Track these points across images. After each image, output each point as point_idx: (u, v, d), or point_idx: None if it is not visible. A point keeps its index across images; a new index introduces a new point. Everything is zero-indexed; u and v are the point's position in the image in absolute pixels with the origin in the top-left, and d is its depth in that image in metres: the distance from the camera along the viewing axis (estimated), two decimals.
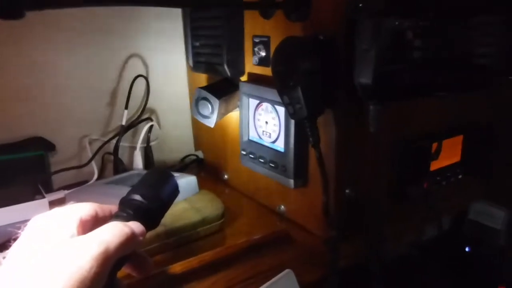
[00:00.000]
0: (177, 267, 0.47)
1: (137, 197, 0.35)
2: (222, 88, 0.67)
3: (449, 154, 0.67)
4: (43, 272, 0.26)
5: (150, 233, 0.52)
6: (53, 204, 0.63)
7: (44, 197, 0.62)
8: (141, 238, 0.33)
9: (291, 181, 0.58)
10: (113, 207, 0.36)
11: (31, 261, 0.27)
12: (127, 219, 0.34)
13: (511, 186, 0.78)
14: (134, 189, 0.37)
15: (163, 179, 0.38)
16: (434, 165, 0.64)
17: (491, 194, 0.79)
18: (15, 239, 0.30)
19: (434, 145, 0.60)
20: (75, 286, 0.26)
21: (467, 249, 0.86)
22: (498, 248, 0.83)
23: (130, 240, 0.31)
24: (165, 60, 0.83)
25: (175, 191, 0.40)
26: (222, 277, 0.47)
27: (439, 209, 0.70)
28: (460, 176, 0.69)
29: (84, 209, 0.33)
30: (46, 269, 0.27)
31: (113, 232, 0.30)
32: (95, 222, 0.34)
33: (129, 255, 0.34)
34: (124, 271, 0.35)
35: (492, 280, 0.80)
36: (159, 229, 0.53)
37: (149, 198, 0.36)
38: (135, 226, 0.33)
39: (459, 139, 0.68)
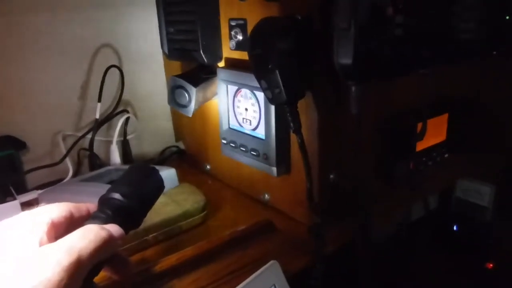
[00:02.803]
0: (156, 265, 0.45)
1: (117, 195, 0.33)
2: (199, 75, 0.64)
3: (435, 133, 0.66)
4: (5, 285, 0.24)
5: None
6: (26, 205, 0.60)
7: (15, 198, 0.59)
8: (119, 241, 0.31)
9: (274, 169, 0.56)
10: (91, 206, 0.34)
11: None
12: (105, 220, 0.32)
13: (497, 162, 0.77)
14: (114, 187, 0.34)
15: (145, 175, 0.36)
16: (420, 145, 0.63)
17: (477, 171, 0.79)
18: None
19: (419, 125, 0.59)
20: None
21: (454, 227, 0.86)
22: (485, 226, 0.83)
23: (107, 244, 0.29)
24: (140, 49, 0.79)
25: (159, 187, 0.37)
26: (205, 272, 0.46)
27: (426, 189, 0.70)
28: (446, 155, 0.68)
29: (56, 211, 0.31)
30: (9, 283, 0.24)
31: (88, 237, 0.28)
32: (70, 224, 0.31)
33: (107, 260, 0.31)
34: (102, 273, 0.33)
35: (480, 258, 0.81)
36: None
37: (129, 197, 0.33)
38: (113, 229, 0.31)
39: (444, 117, 0.67)
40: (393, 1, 0.45)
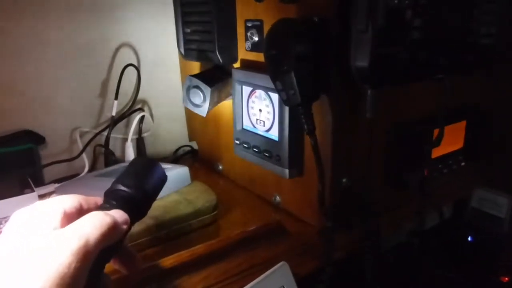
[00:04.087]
0: (167, 261, 0.45)
1: (120, 186, 0.34)
2: (214, 75, 0.65)
3: (452, 140, 0.65)
4: (20, 268, 0.26)
5: (140, 227, 0.51)
6: (43, 197, 0.62)
7: (33, 191, 0.60)
8: (124, 226, 0.32)
9: (286, 171, 0.56)
10: (98, 199, 0.35)
11: (9, 257, 0.26)
12: (110, 209, 0.33)
13: None
14: (118, 180, 0.35)
15: (147, 167, 0.37)
16: (436, 152, 0.62)
17: (493, 181, 0.77)
18: None
19: (436, 131, 0.58)
20: (54, 282, 0.25)
21: (469, 238, 0.84)
22: (501, 237, 0.81)
23: (112, 229, 0.30)
24: (157, 48, 0.81)
25: (162, 179, 0.38)
26: (215, 270, 0.46)
27: (440, 197, 0.68)
28: (462, 163, 0.67)
29: (67, 201, 0.32)
30: (24, 265, 0.26)
31: (93, 223, 0.29)
32: (79, 214, 0.32)
33: (117, 249, 0.32)
34: (111, 266, 0.33)
35: (495, 271, 0.78)
36: (149, 222, 0.52)
37: (132, 187, 0.34)
38: (118, 214, 0.32)
39: (462, 124, 0.65)
40: (412, 4, 0.44)
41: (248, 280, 0.43)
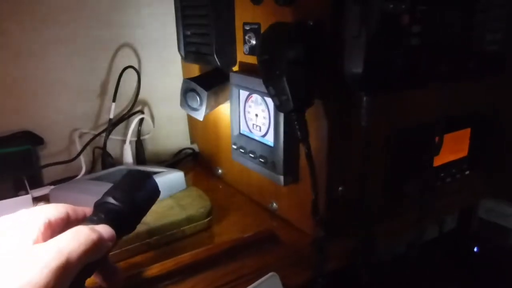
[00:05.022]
0: (152, 270, 0.45)
1: (110, 199, 0.34)
2: (212, 79, 0.64)
3: (455, 148, 0.62)
4: None
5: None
6: (38, 200, 0.62)
7: (27, 193, 0.60)
8: (110, 243, 0.31)
9: (281, 178, 0.55)
10: (87, 210, 0.34)
11: None
12: (98, 223, 0.32)
13: None
14: (108, 192, 0.35)
15: (139, 181, 0.36)
16: (438, 160, 0.60)
17: (501, 191, 0.74)
18: None
19: (437, 139, 0.56)
20: None
21: (475, 249, 0.81)
22: (508, 249, 0.78)
23: (97, 246, 0.29)
24: (158, 50, 0.80)
25: (154, 193, 0.38)
26: (202, 280, 0.45)
27: (443, 207, 0.66)
28: (467, 172, 0.65)
29: (53, 211, 0.31)
30: None
31: (77, 239, 0.28)
32: (66, 225, 0.31)
33: (100, 263, 0.31)
34: (92, 279, 0.32)
35: (502, 283, 0.76)
36: (141, 227, 0.51)
37: (122, 201, 0.34)
38: (104, 230, 0.31)
39: (466, 132, 0.63)
40: (409, 9, 0.43)
41: None
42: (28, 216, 0.30)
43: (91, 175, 0.66)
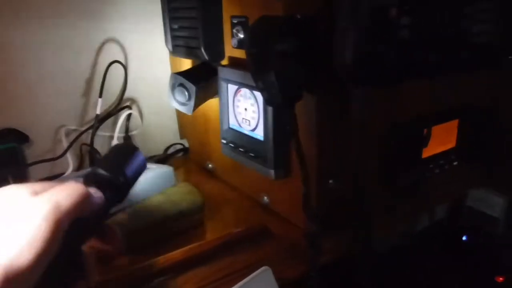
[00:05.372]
0: (145, 266, 0.44)
1: (99, 170, 0.35)
2: (200, 73, 0.63)
3: (444, 140, 0.63)
4: None
5: (122, 229, 0.49)
6: None
7: None
8: (98, 200, 0.33)
9: (272, 172, 0.55)
10: None
11: None
12: None
13: (509, 171, 0.73)
14: (97, 163, 0.37)
15: (127, 153, 0.38)
16: (427, 152, 0.60)
17: (489, 181, 0.76)
18: None
19: (425, 131, 0.56)
20: (24, 245, 0.26)
21: (464, 238, 0.82)
22: (496, 237, 0.79)
23: (84, 199, 0.31)
24: (145, 44, 0.79)
25: (141, 164, 0.39)
26: (193, 276, 0.45)
27: (433, 198, 0.67)
28: (455, 163, 0.65)
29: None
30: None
31: (66, 191, 0.30)
32: None
33: (94, 225, 0.33)
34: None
35: (490, 271, 0.77)
36: (131, 224, 0.51)
37: (111, 170, 0.35)
38: (92, 190, 0.33)
39: (454, 123, 0.64)
40: (398, 1, 0.42)
41: (228, 286, 0.42)
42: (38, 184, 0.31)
43: (77, 172, 0.65)
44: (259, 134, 0.56)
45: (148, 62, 0.80)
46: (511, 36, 0.57)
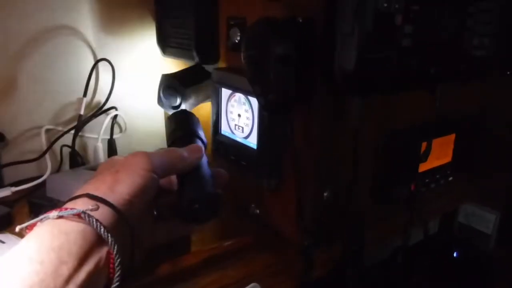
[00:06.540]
0: (128, 282, 0.41)
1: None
2: (192, 75, 0.60)
3: (440, 154, 0.62)
4: (102, 177, 0.33)
5: None
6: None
7: None
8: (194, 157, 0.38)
9: (264, 181, 0.52)
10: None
11: (103, 170, 0.34)
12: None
13: (504, 188, 0.73)
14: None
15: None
16: (423, 166, 0.59)
17: (482, 196, 0.75)
18: None
19: (423, 145, 0.54)
20: (133, 188, 0.32)
21: (455, 254, 0.81)
22: (487, 254, 0.79)
23: (181, 159, 0.36)
24: (135, 43, 0.76)
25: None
26: None
27: (426, 213, 0.65)
28: (450, 178, 0.64)
29: None
30: (103, 176, 0.33)
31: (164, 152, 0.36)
32: None
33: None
34: None
35: (481, 287, 0.76)
36: None
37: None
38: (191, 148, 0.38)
39: (451, 138, 0.62)
40: (402, 9, 0.41)
41: None
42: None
43: (87, 165, 0.63)
44: (252, 142, 0.53)
45: (137, 61, 0.76)
46: (509, 50, 0.57)
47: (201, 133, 0.42)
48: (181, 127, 0.41)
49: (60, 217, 0.29)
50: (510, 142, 0.69)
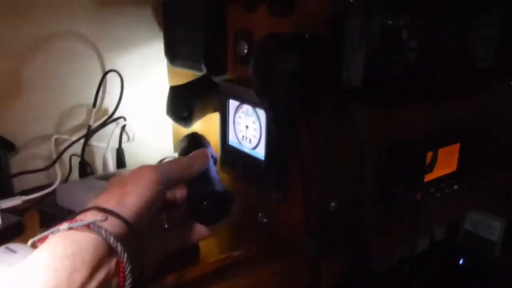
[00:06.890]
0: None
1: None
2: (200, 87, 0.61)
3: (445, 163, 0.62)
4: (111, 191, 0.34)
5: None
6: (8, 211, 0.57)
7: None
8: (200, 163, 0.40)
9: (271, 192, 0.53)
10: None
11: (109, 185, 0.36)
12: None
13: (507, 195, 0.73)
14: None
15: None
16: (429, 176, 0.59)
17: (488, 205, 0.75)
18: None
19: (429, 155, 0.55)
20: (141, 201, 0.33)
21: (461, 261, 0.81)
22: (493, 261, 0.79)
23: (187, 167, 0.39)
24: (143, 54, 0.77)
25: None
26: None
27: (432, 221, 0.66)
28: (455, 187, 0.64)
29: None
30: (112, 190, 0.34)
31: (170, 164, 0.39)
32: None
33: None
34: None
35: None
36: None
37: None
38: (197, 154, 0.41)
39: (456, 147, 0.63)
40: (407, 24, 0.42)
41: None
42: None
43: (96, 175, 0.64)
44: (260, 152, 0.54)
45: (145, 72, 0.78)
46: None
47: (211, 150, 0.44)
48: (192, 146, 0.44)
49: (70, 228, 0.30)
50: (510, 142, 0.70)
